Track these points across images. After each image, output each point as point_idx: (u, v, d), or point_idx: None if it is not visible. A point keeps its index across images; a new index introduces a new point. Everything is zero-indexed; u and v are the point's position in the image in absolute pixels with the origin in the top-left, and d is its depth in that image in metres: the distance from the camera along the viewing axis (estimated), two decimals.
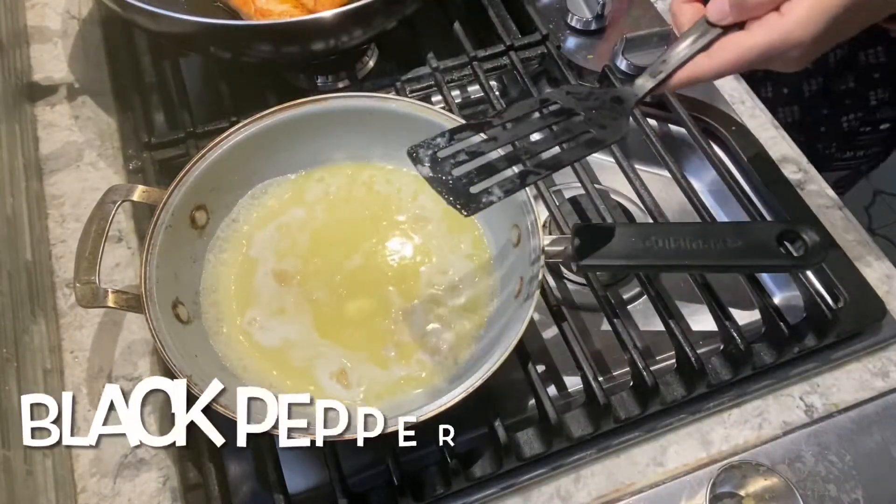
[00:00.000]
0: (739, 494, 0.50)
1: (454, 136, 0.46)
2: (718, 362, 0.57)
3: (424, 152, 0.45)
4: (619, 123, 0.48)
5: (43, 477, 0.49)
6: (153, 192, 0.54)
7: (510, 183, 0.44)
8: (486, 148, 0.46)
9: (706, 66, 0.47)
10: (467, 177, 0.44)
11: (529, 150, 0.46)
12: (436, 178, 0.44)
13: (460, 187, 0.43)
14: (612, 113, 0.48)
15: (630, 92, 0.49)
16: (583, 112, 0.48)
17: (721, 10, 0.46)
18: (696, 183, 0.67)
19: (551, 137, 0.47)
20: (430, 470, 0.52)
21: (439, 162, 0.44)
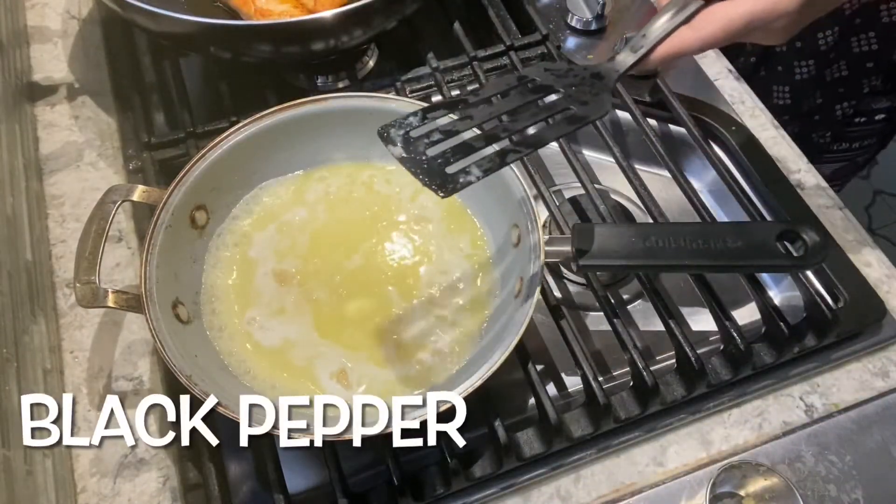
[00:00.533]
0: (739, 494, 0.50)
1: (427, 114, 0.43)
2: (718, 362, 0.57)
3: (396, 132, 0.42)
4: (601, 99, 0.46)
5: (43, 477, 0.49)
6: (153, 192, 0.54)
7: (489, 162, 0.42)
8: (461, 127, 0.43)
9: (690, 38, 0.46)
10: (443, 157, 0.42)
11: (508, 127, 0.44)
12: (409, 158, 0.42)
13: (435, 167, 0.41)
14: (592, 89, 0.46)
15: (611, 67, 0.47)
16: (562, 89, 0.46)
17: None
18: (696, 183, 0.67)
19: (531, 115, 0.45)
20: (430, 470, 0.52)
21: (412, 142, 0.42)
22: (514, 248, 0.54)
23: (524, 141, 0.44)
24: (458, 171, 0.41)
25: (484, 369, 0.47)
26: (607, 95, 0.46)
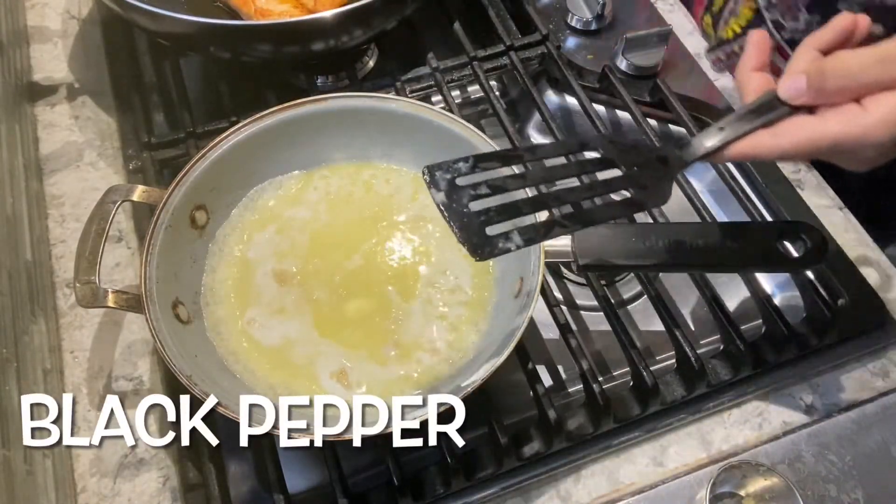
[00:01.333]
0: (739, 494, 0.50)
1: (478, 163, 0.41)
2: (718, 362, 0.57)
3: (442, 175, 0.40)
4: (661, 187, 0.43)
5: (43, 477, 0.49)
6: (153, 192, 0.54)
7: (532, 231, 0.39)
8: (511, 184, 0.41)
9: (768, 143, 0.43)
10: (486, 214, 0.39)
11: (560, 196, 0.41)
12: (450, 207, 0.39)
13: (476, 225, 0.38)
14: (655, 173, 0.43)
15: (678, 155, 0.44)
16: (624, 167, 0.43)
17: (796, 88, 0.42)
18: (696, 183, 0.67)
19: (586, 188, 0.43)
20: (430, 470, 0.52)
21: (457, 189, 0.39)
22: None
23: (573, 216, 0.41)
24: (497, 235, 0.39)
25: (484, 369, 0.47)
26: (669, 185, 0.44)
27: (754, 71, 0.46)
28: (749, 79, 0.46)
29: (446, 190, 0.39)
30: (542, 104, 0.68)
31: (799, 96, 0.42)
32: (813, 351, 0.57)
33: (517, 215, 0.40)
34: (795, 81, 0.42)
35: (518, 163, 0.42)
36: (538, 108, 0.68)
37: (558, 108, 0.76)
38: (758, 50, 0.46)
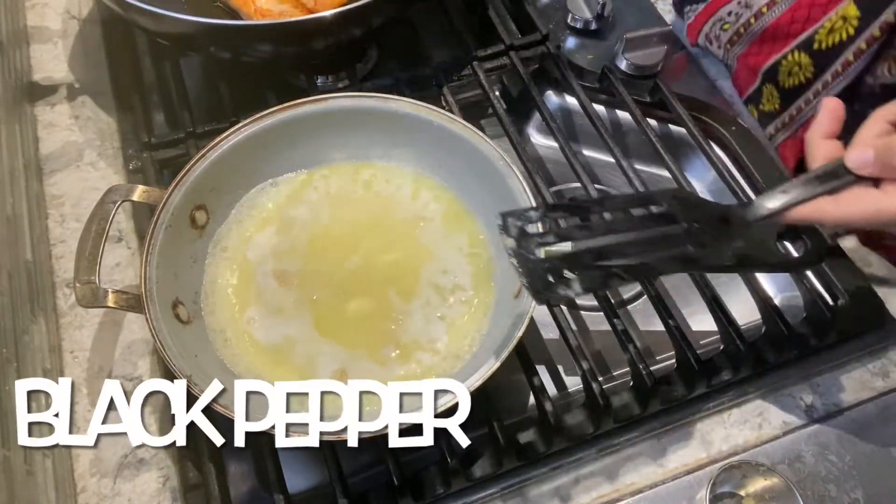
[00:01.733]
0: (739, 494, 0.50)
1: (548, 213, 0.44)
2: (718, 362, 0.57)
3: (514, 222, 0.43)
4: (720, 247, 0.45)
5: (43, 477, 0.49)
6: (153, 192, 0.54)
7: (591, 280, 0.42)
8: (576, 234, 0.44)
9: (830, 210, 0.44)
10: (550, 262, 0.42)
11: (620, 249, 0.44)
12: (519, 253, 0.42)
13: (540, 271, 0.42)
14: (715, 233, 0.45)
15: (740, 215, 0.46)
16: (685, 223, 0.45)
17: (863, 160, 0.44)
18: (696, 183, 0.67)
19: (646, 241, 0.45)
20: (430, 470, 0.52)
21: (525, 236, 0.42)
22: None
23: (631, 268, 0.43)
24: (559, 282, 0.41)
25: (484, 369, 0.47)
26: (728, 245, 0.45)
27: (824, 138, 0.47)
28: (819, 145, 0.47)
29: (516, 236, 0.43)
30: (542, 104, 0.68)
31: (865, 167, 0.44)
32: (813, 351, 0.57)
33: (578, 265, 0.43)
34: (863, 154, 0.44)
35: (585, 214, 0.45)
36: (538, 108, 0.68)
37: (558, 108, 0.76)
38: (831, 118, 0.47)
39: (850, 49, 0.59)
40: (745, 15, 0.66)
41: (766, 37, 0.64)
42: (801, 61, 0.62)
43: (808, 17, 0.61)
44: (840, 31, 0.59)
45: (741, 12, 0.66)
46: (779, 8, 0.63)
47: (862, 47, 0.58)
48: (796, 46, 0.62)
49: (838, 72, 0.60)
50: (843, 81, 0.60)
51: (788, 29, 0.63)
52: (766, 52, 0.65)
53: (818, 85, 0.62)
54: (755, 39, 0.65)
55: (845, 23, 0.58)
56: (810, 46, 0.61)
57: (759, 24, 0.64)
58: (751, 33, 0.65)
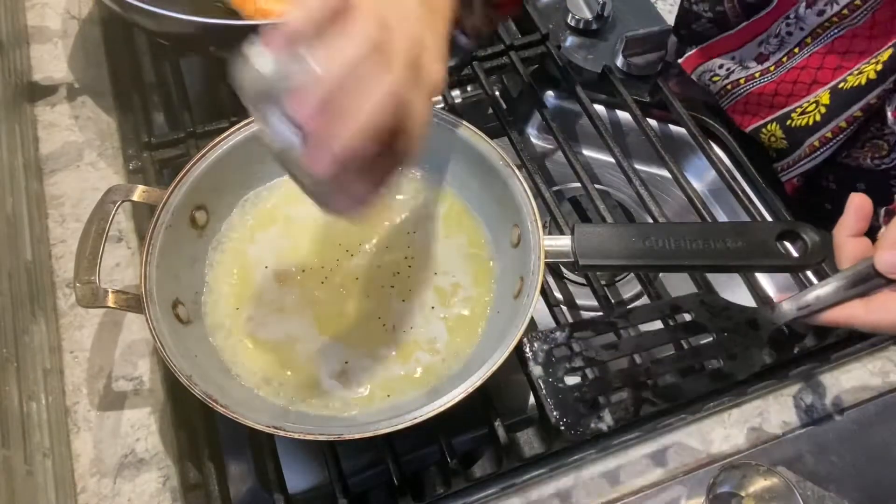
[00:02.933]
0: (739, 494, 0.50)
1: (574, 332, 0.43)
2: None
3: (540, 346, 0.42)
4: (750, 355, 0.44)
5: (43, 477, 0.49)
6: (153, 192, 0.54)
7: (623, 411, 0.42)
8: (605, 356, 0.43)
9: (860, 316, 0.43)
10: (579, 390, 0.41)
11: (650, 371, 0.43)
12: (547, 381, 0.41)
13: (570, 403, 0.41)
14: (745, 340, 0.45)
15: (769, 319, 0.46)
16: (714, 332, 0.44)
17: (893, 264, 0.43)
18: (696, 183, 0.67)
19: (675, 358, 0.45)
20: (430, 470, 0.53)
21: (552, 362, 0.42)
22: (514, 248, 0.54)
23: (662, 393, 0.43)
24: (590, 415, 0.41)
25: (484, 369, 0.47)
26: (758, 353, 0.45)
27: (852, 237, 0.46)
28: (846, 244, 0.46)
29: (543, 363, 0.42)
30: (542, 104, 0.68)
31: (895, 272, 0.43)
32: (813, 351, 0.57)
33: (608, 390, 0.42)
34: (893, 258, 0.43)
35: (612, 330, 0.44)
36: (538, 108, 0.68)
37: (558, 108, 0.76)
38: (857, 217, 0.46)
39: (817, 135, 0.60)
40: (736, 73, 0.66)
41: (752, 101, 0.65)
42: (776, 134, 0.62)
43: (791, 93, 0.62)
44: (812, 115, 0.59)
45: (733, 69, 0.67)
46: (769, 77, 0.63)
47: (828, 136, 0.59)
48: (774, 119, 0.63)
49: (806, 153, 0.61)
50: (812, 162, 0.61)
51: (772, 100, 0.63)
52: (750, 114, 0.66)
53: (789, 160, 0.63)
54: (740, 99, 0.66)
55: (816, 108, 0.59)
56: (784, 122, 0.62)
57: (748, 86, 0.65)
58: (738, 93, 0.66)
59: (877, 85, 0.55)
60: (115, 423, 0.55)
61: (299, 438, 0.45)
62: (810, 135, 0.60)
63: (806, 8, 0.59)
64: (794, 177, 0.63)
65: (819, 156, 0.60)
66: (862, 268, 0.44)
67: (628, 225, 0.67)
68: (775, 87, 0.63)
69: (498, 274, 0.56)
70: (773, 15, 0.63)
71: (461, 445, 0.54)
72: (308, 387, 0.51)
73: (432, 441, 0.51)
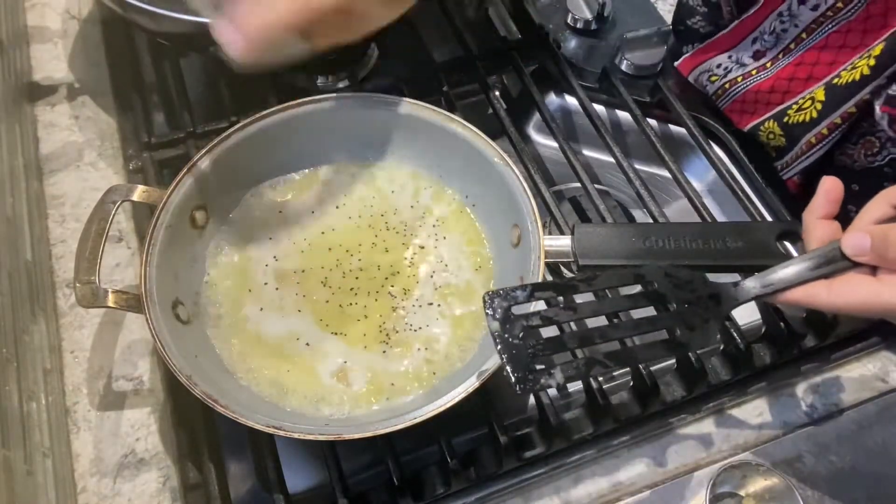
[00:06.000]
0: (739, 494, 0.50)
1: (535, 292, 0.43)
2: (718, 362, 0.57)
3: (500, 303, 0.42)
4: (708, 329, 0.44)
5: (43, 477, 0.49)
6: (153, 192, 0.54)
7: (574, 369, 0.42)
8: (562, 317, 0.43)
9: (823, 296, 0.43)
10: (533, 348, 0.41)
11: (605, 334, 0.43)
12: (502, 337, 0.41)
13: (523, 358, 0.41)
14: (705, 313, 0.44)
15: (731, 294, 0.45)
16: (675, 303, 0.44)
17: (860, 246, 0.43)
18: (696, 183, 0.67)
19: (632, 325, 0.45)
20: (430, 470, 0.52)
21: (510, 319, 0.42)
22: (514, 247, 0.54)
23: (615, 356, 0.43)
24: (541, 371, 0.41)
25: (484, 369, 0.47)
26: (716, 326, 0.45)
27: (821, 219, 0.46)
28: (815, 226, 0.46)
29: (501, 319, 0.42)
30: (542, 104, 0.68)
31: (861, 255, 0.43)
32: (813, 351, 0.57)
33: (562, 349, 0.42)
34: (861, 240, 0.43)
35: (572, 293, 0.44)
36: (538, 108, 0.68)
37: (558, 108, 0.76)
38: (827, 199, 0.46)
39: (813, 132, 0.60)
40: (734, 72, 0.66)
41: (749, 99, 0.65)
42: (775, 131, 0.62)
43: (787, 89, 0.62)
44: (808, 111, 0.59)
45: (730, 67, 0.67)
46: (766, 73, 0.63)
47: (824, 132, 0.59)
48: (771, 116, 0.63)
49: (804, 150, 0.61)
50: (809, 159, 0.61)
51: (769, 97, 0.63)
52: (748, 113, 0.66)
53: (788, 157, 0.63)
54: (738, 98, 0.66)
55: (812, 104, 0.59)
56: (782, 119, 0.62)
57: (745, 84, 0.65)
58: (735, 91, 0.66)
59: (870, 80, 0.55)
60: (115, 423, 0.55)
61: (299, 438, 0.45)
62: (807, 131, 0.60)
63: (799, 4, 0.59)
64: (795, 174, 0.63)
65: (816, 153, 0.60)
66: (828, 250, 0.44)
67: (628, 225, 0.67)
68: (772, 84, 0.63)
69: (498, 274, 0.56)
70: (762, 11, 0.63)
71: (461, 445, 0.54)
72: (308, 386, 0.51)
73: (432, 441, 0.51)
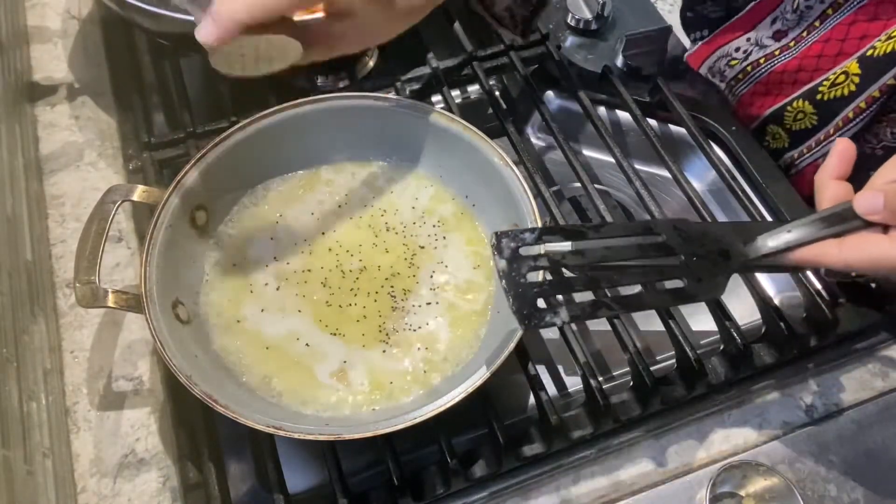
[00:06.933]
0: (739, 494, 0.50)
1: (543, 235, 0.43)
2: (718, 362, 0.57)
3: (507, 243, 0.42)
4: (716, 282, 0.44)
5: (43, 477, 0.49)
6: (153, 192, 0.54)
7: (579, 309, 0.41)
8: (570, 261, 0.43)
9: (833, 254, 0.43)
10: (539, 286, 0.41)
11: (611, 279, 0.43)
12: (509, 275, 0.41)
13: (528, 296, 0.41)
14: (713, 267, 0.44)
15: (741, 251, 0.45)
16: (683, 255, 0.44)
17: (873, 205, 0.42)
18: (696, 183, 0.67)
19: (640, 273, 0.44)
20: (430, 470, 0.52)
21: (518, 258, 0.42)
22: None
23: (621, 300, 0.43)
24: (546, 309, 0.41)
25: (484, 369, 0.47)
26: (724, 280, 0.44)
27: (833, 178, 0.46)
28: (827, 186, 0.46)
29: (508, 258, 0.42)
30: (542, 104, 0.68)
31: (874, 213, 0.42)
32: (813, 351, 0.57)
33: (569, 291, 0.42)
34: (873, 198, 0.42)
35: (581, 239, 0.44)
36: (538, 108, 0.68)
37: (558, 108, 0.76)
38: (841, 159, 0.46)
39: (851, 106, 0.59)
40: (754, 54, 0.65)
41: (773, 80, 0.64)
42: (806, 110, 0.62)
43: (817, 67, 0.61)
44: (842, 87, 0.59)
45: (750, 50, 0.66)
46: (790, 53, 0.63)
47: (861, 106, 0.58)
48: (801, 95, 0.62)
49: (839, 126, 0.60)
50: (844, 136, 0.60)
51: (796, 76, 0.63)
52: (773, 94, 0.65)
53: (820, 135, 0.62)
54: (761, 80, 0.65)
55: (847, 79, 0.58)
56: (814, 96, 0.61)
57: (768, 66, 0.64)
58: (758, 74, 0.65)
59: None
60: (115, 423, 0.55)
61: (299, 438, 0.45)
62: (845, 106, 0.59)
63: None
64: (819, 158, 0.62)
65: (853, 127, 0.59)
66: (841, 209, 0.44)
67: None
68: (798, 63, 0.62)
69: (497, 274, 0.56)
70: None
71: (461, 445, 0.54)
72: (308, 386, 0.51)
73: (432, 441, 0.51)
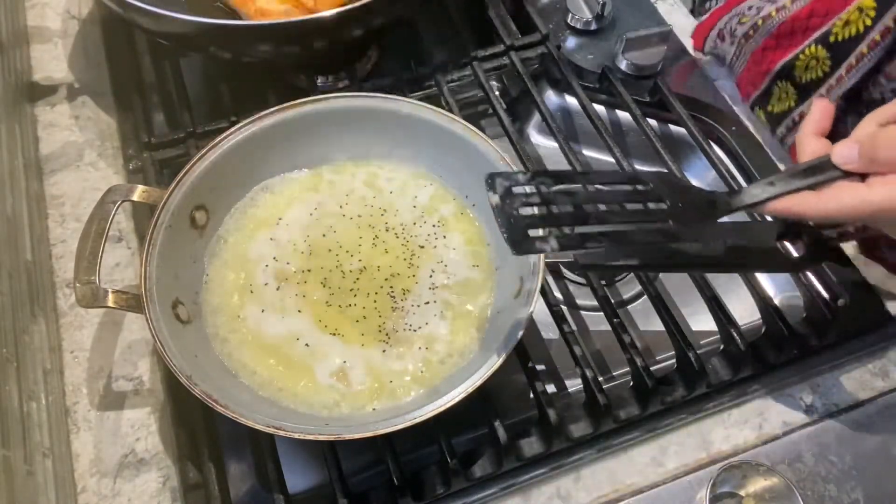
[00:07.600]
0: (739, 494, 0.50)
1: (536, 177, 0.44)
2: (718, 362, 0.57)
3: (501, 182, 0.43)
4: (701, 227, 0.46)
5: (43, 477, 0.49)
6: (153, 192, 0.54)
7: (568, 239, 0.43)
8: (560, 200, 0.44)
9: (812, 203, 0.45)
10: (531, 219, 0.43)
11: (600, 216, 0.44)
12: (501, 208, 0.43)
13: (520, 226, 0.42)
14: (698, 214, 0.46)
15: (726, 200, 0.47)
16: (669, 202, 0.45)
17: (848, 155, 0.44)
18: (696, 183, 0.67)
19: (627, 213, 0.45)
20: (430, 470, 0.52)
21: (511, 195, 0.43)
22: None
23: (609, 234, 0.44)
24: (537, 237, 0.42)
25: (484, 369, 0.47)
26: (710, 225, 0.47)
27: (813, 135, 0.48)
28: (808, 141, 0.48)
29: (502, 194, 0.43)
30: (542, 104, 0.68)
31: (850, 162, 0.44)
32: (813, 351, 0.57)
33: (558, 224, 0.44)
34: (849, 148, 0.44)
35: (570, 182, 0.45)
36: (538, 108, 0.68)
37: (558, 108, 0.76)
38: (821, 116, 0.48)
39: (865, 41, 0.59)
40: (766, 8, 0.66)
41: (784, 31, 0.65)
42: (819, 55, 0.62)
43: (828, 10, 0.61)
44: (856, 23, 0.59)
45: (762, 6, 0.67)
46: (800, 2, 0.63)
47: (876, 38, 0.58)
48: (814, 40, 0.62)
49: (852, 64, 0.60)
50: (856, 76, 0.60)
51: (807, 23, 0.63)
52: (784, 47, 0.65)
53: (832, 80, 0.62)
54: (772, 33, 0.65)
55: (861, 14, 0.58)
56: (827, 39, 0.61)
57: (779, 17, 0.65)
58: (769, 26, 0.65)
59: None
60: (115, 423, 0.55)
61: (299, 438, 0.45)
62: (858, 43, 0.59)
63: None
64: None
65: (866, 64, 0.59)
66: (818, 161, 0.45)
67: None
68: (810, 10, 0.63)
69: (498, 274, 0.56)
70: None
71: (461, 445, 0.54)
72: (308, 386, 0.51)
73: (432, 441, 0.51)
